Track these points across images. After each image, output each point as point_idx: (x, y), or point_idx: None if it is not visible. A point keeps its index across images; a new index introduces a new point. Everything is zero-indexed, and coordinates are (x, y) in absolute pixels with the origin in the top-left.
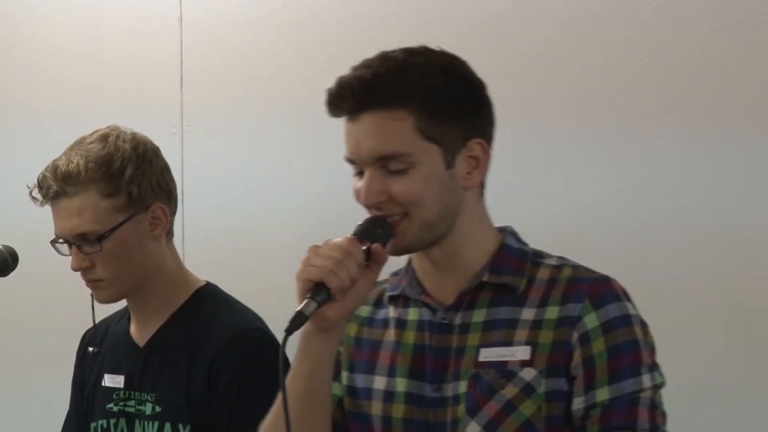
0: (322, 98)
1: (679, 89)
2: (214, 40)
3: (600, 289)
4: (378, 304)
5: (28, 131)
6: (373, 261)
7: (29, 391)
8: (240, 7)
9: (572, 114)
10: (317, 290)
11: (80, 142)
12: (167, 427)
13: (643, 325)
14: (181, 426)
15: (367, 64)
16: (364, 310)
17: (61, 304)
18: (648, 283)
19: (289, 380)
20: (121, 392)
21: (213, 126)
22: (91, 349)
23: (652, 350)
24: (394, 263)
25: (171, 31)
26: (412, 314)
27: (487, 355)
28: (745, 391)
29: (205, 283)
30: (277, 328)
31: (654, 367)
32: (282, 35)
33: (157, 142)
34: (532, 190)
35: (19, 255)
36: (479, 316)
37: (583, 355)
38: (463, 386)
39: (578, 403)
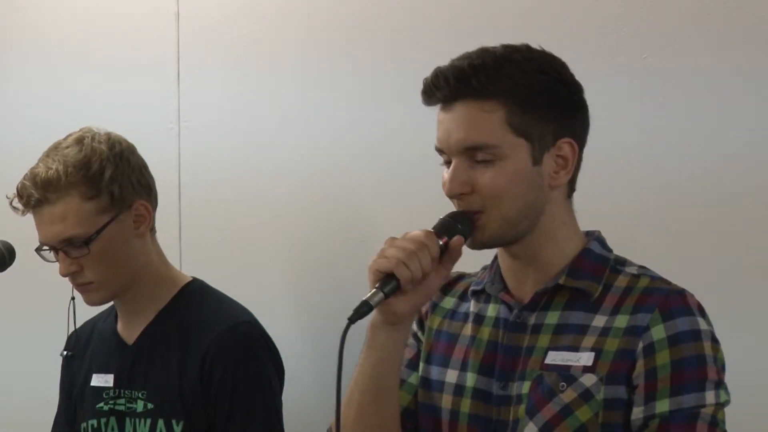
0: (319, 95)
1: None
2: (210, 36)
3: (672, 302)
4: (463, 297)
5: (24, 128)
6: (448, 255)
7: (27, 386)
8: (236, 2)
9: None
10: (386, 281)
11: (56, 148)
12: (160, 423)
13: (714, 341)
14: (174, 422)
15: (465, 56)
16: (449, 303)
17: (59, 300)
18: None
19: (357, 370)
20: (111, 391)
21: (210, 122)
22: (65, 352)
23: (721, 368)
24: (484, 259)
25: (168, 27)
26: (491, 311)
27: (554, 358)
28: None
29: (191, 278)
30: (275, 324)
31: (720, 384)
32: (279, 31)
33: (153, 138)
34: None
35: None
36: (552, 318)
37: (646, 366)
38: (527, 386)
39: (637, 413)
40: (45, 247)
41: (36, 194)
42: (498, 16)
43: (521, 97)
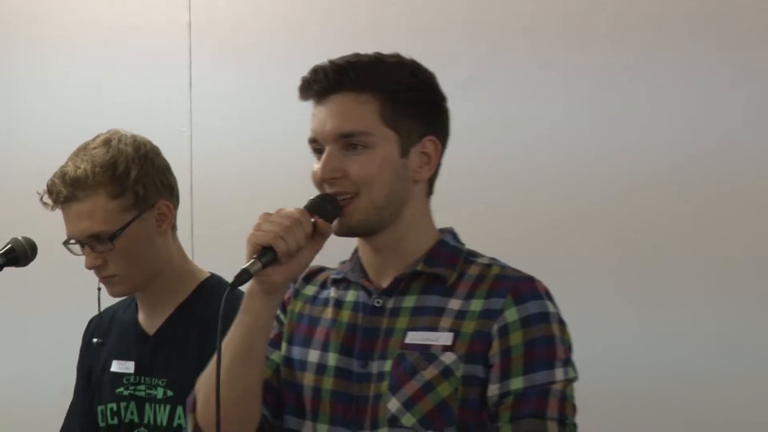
0: None
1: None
2: (221, 43)
3: (522, 288)
4: (323, 285)
5: (43, 132)
6: (318, 234)
7: (45, 373)
8: (245, 12)
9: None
10: (264, 253)
11: (84, 148)
12: (179, 410)
13: (561, 323)
14: None
15: (341, 57)
16: (311, 290)
17: (77, 293)
18: None
19: (228, 335)
20: (132, 377)
21: (220, 126)
22: (95, 340)
23: (568, 347)
24: (343, 254)
25: (180, 36)
26: (351, 296)
27: (414, 338)
28: None
29: (210, 274)
30: None
31: (568, 362)
32: (287, 38)
33: (167, 140)
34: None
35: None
36: (410, 301)
37: (501, 346)
38: (388, 365)
39: (493, 390)
40: (72, 241)
41: (65, 191)
42: (498, 17)
43: (394, 92)
